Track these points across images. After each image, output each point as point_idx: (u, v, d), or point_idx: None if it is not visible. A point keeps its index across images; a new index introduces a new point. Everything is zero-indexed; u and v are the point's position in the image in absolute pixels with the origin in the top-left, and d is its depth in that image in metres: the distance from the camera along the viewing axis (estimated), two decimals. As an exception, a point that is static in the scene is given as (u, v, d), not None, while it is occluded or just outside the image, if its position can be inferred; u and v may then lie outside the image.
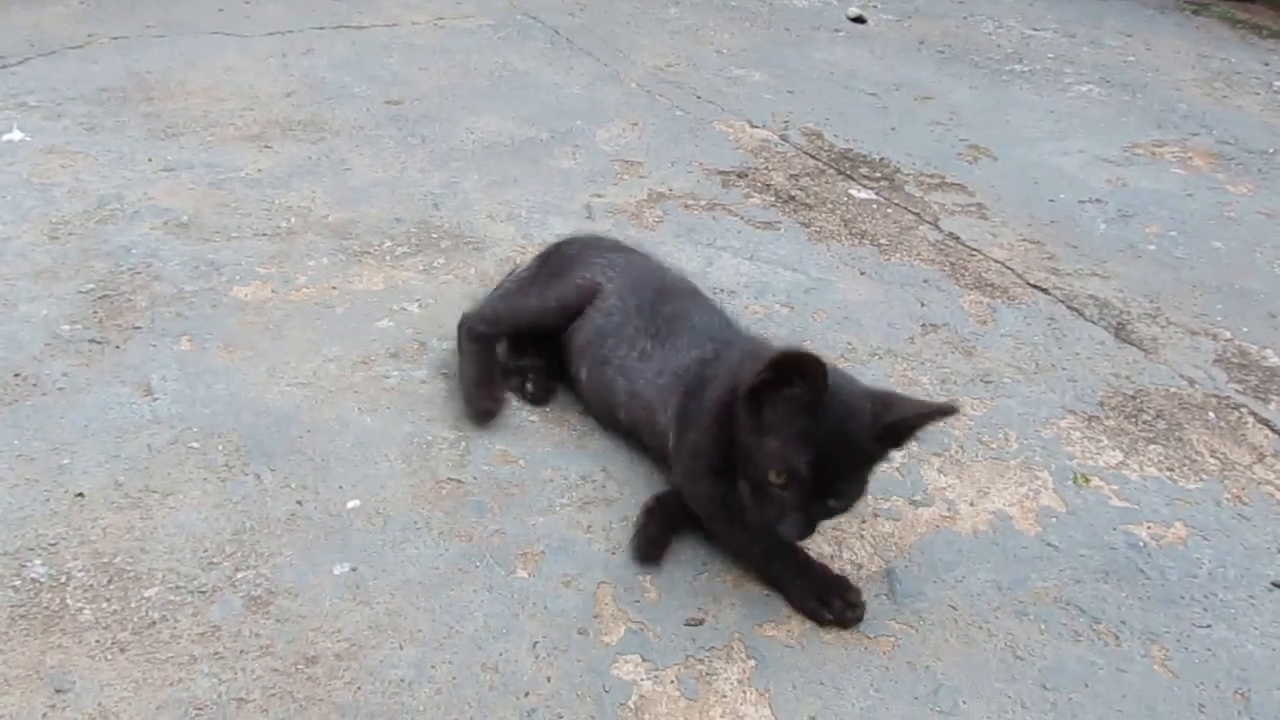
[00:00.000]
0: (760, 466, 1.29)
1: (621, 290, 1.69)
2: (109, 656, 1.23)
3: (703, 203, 2.46)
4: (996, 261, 2.31)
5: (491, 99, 2.94)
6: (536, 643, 1.30)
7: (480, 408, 1.65)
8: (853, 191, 2.59)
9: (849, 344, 1.95)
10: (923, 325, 2.05)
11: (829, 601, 1.36)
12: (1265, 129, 3.18)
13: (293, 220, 2.21)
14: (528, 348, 1.77)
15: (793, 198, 2.52)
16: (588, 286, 1.71)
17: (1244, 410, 1.87)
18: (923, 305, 2.11)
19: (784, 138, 2.86)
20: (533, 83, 3.09)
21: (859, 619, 1.36)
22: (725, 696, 1.26)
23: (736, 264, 2.20)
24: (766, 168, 2.67)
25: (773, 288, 2.12)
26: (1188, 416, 1.84)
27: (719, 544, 1.46)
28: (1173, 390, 1.91)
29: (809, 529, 1.30)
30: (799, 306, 2.06)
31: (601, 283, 1.71)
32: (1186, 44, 3.97)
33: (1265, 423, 1.84)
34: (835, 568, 1.42)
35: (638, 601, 1.37)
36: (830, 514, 1.33)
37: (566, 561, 1.42)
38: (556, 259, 1.84)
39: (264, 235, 2.14)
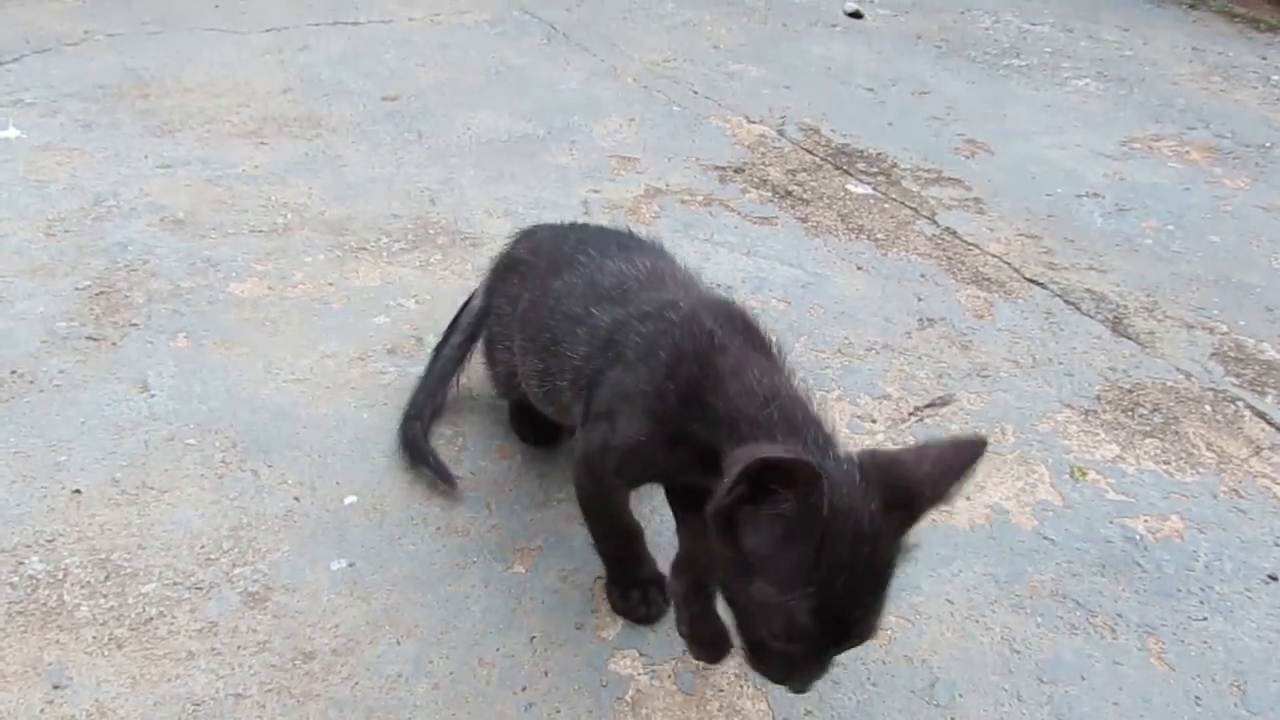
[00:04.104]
0: (750, 620, 0.98)
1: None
2: (106, 652, 1.23)
3: (700, 198, 2.46)
4: (993, 256, 2.31)
5: (488, 95, 2.94)
6: (534, 637, 1.30)
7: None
8: (850, 186, 2.59)
9: (846, 339, 1.95)
10: (920, 320, 2.05)
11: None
12: (1263, 123, 3.18)
13: (289, 216, 2.21)
14: None
15: (790, 193, 2.52)
16: None
17: (1240, 404, 1.87)
18: (920, 300, 2.11)
19: (781, 133, 2.86)
20: (529, 78, 3.09)
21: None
22: (722, 691, 1.26)
23: (733, 259, 2.20)
24: (763, 163, 2.67)
25: (770, 283, 2.12)
26: (1184, 410, 1.84)
27: (589, 523, 1.32)
28: (1169, 384, 1.91)
29: (824, 671, 1.01)
30: (796, 301, 2.06)
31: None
32: (1184, 38, 3.97)
33: (1262, 416, 1.84)
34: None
35: (635, 596, 1.37)
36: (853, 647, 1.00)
37: (563, 556, 1.42)
38: None
39: (260, 232, 2.14)
